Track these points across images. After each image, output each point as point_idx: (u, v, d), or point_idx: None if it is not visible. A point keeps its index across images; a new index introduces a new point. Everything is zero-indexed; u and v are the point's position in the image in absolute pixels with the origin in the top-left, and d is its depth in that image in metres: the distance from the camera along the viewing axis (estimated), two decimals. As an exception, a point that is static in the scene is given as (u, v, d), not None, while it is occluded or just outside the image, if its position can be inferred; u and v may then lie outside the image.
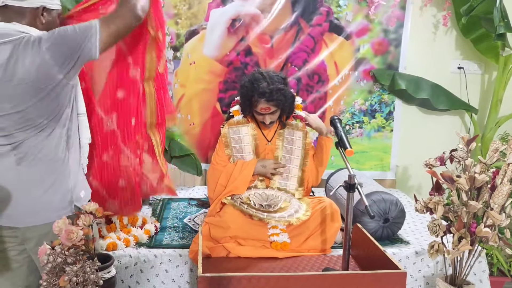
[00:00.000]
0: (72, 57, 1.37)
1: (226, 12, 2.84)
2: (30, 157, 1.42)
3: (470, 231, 1.76)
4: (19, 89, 1.34)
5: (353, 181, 1.66)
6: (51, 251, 1.34)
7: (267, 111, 2.06)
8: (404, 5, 2.91)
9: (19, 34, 1.36)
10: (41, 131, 1.41)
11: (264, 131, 2.20)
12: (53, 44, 1.35)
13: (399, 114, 3.06)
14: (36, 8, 1.41)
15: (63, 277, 1.31)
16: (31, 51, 1.33)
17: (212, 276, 1.46)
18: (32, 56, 1.33)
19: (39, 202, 1.45)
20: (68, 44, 1.36)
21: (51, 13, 1.47)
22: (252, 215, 1.98)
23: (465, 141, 1.87)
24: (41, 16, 1.44)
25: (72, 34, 1.37)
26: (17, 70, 1.33)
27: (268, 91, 2.00)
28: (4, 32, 1.36)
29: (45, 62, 1.34)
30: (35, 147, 1.42)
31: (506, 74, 2.87)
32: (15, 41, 1.34)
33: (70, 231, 1.36)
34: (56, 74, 1.36)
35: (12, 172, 1.42)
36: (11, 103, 1.35)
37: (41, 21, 1.44)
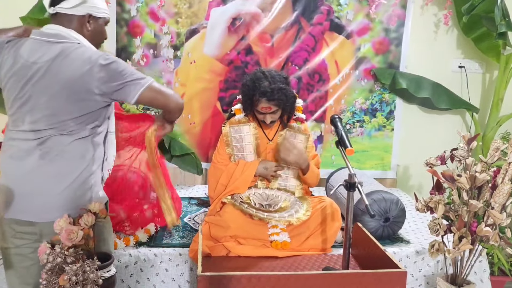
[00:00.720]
0: (116, 85, 1.47)
1: (226, 11, 2.83)
2: (54, 152, 1.46)
3: (471, 230, 1.75)
4: (57, 87, 1.42)
5: (354, 180, 1.66)
6: (51, 251, 1.34)
7: (268, 110, 2.05)
8: (405, 4, 2.90)
9: (72, 39, 1.47)
10: (69, 133, 1.46)
11: (265, 130, 2.19)
12: (113, 64, 1.45)
13: (400, 113, 3.06)
14: (82, 16, 1.51)
15: (63, 276, 1.31)
16: (87, 60, 1.42)
17: (212, 275, 1.45)
18: (82, 64, 1.42)
19: (59, 198, 1.46)
20: (122, 74, 1.47)
21: (98, 21, 1.56)
22: (253, 215, 1.98)
23: (465, 140, 1.86)
24: (87, 23, 1.53)
25: (129, 70, 1.49)
26: (62, 69, 1.41)
27: (270, 90, 2.00)
28: (57, 32, 1.46)
29: (92, 76, 1.42)
30: (61, 145, 1.46)
31: (507, 73, 2.86)
32: (66, 44, 1.44)
33: (71, 231, 1.36)
34: (94, 89, 1.44)
35: (35, 167, 1.45)
36: (46, 97, 1.43)
37: (87, 28, 1.53)
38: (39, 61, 1.43)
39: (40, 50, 1.44)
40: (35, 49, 1.45)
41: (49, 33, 1.47)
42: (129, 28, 2.84)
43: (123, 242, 1.99)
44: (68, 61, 1.42)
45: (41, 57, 1.43)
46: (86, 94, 1.44)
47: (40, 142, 1.45)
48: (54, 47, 1.44)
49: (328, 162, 3.04)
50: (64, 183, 1.46)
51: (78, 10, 1.49)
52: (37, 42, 1.46)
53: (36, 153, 1.45)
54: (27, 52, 1.45)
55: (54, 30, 1.47)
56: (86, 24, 1.53)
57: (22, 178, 1.46)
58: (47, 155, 1.45)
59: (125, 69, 1.48)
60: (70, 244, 1.35)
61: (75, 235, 1.34)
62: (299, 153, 2.05)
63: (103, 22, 1.59)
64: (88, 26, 1.53)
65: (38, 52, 1.44)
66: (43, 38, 1.46)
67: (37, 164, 1.45)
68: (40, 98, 1.44)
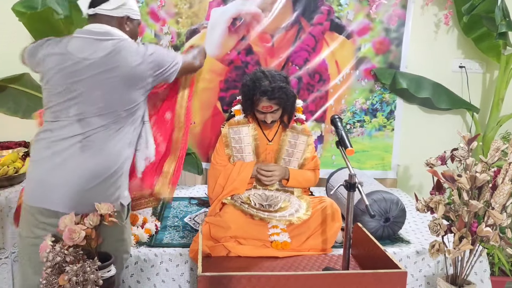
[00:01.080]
0: (161, 71, 1.63)
1: (227, 11, 2.83)
2: (96, 148, 1.52)
3: (471, 230, 1.75)
4: (114, 81, 1.53)
5: (354, 180, 1.66)
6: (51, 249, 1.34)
7: (269, 109, 2.05)
8: (405, 4, 2.90)
9: (120, 36, 1.59)
10: (115, 123, 1.55)
11: (265, 130, 2.19)
12: (157, 52, 1.62)
13: (400, 113, 3.05)
14: (121, 17, 1.63)
15: (63, 276, 1.31)
16: (136, 52, 1.56)
17: (212, 275, 1.46)
18: (136, 56, 1.55)
19: (90, 193, 1.50)
20: (164, 60, 1.64)
21: (133, 22, 1.69)
22: (253, 215, 1.98)
23: (466, 140, 1.86)
24: (125, 24, 1.65)
25: (167, 55, 1.67)
26: (118, 64, 1.52)
27: (270, 89, 2.00)
28: (106, 31, 1.57)
29: (146, 64, 1.57)
30: (103, 138, 1.53)
31: (508, 73, 2.86)
32: (116, 40, 1.56)
33: (73, 230, 1.36)
34: (147, 77, 1.59)
35: (74, 159, 1.50)
36: (102, 90, 1.53)
37: (125, 29, 1.64)
38: (90, 57, 1.51)
39: (90, 48, 1.53)
40: (85, 46, 1.54)
41: (98, 32, 1.57)
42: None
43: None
44: (122, 55, 1.53)
45: (92, 54, 1.52)
46: (141, 83, 1.58)
47: (85, 136, 1.51)
48: (105, 44, 1.53)
49: (329, 162, 3.04)
50: (98, 179, 1.51)
51: (118, 12, 1.61)
52: (86, 39, 1.55)
53: (77, 145, 1.51)
54: (76, 49, 1.53)
55: (103, 29, 1.58)
56: (124, 25, 1.64)
57: (58, 169, 1.50)
58: (88, 149, 1.51)
59: (165, 55, 1.65)
60: (71, 243, 1.35)
61: (76, 235, 1.34)
62: (278, 174, 2.11)
63: (137, 23, 1.72)
64: (126, 27, 1.65)
65: (88, 49, 1.53)
66: (92, 36, 1.55)
67: (77, 156, 1.50)
68: (94, 91, 1.52)
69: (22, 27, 2.67)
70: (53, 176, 1.50)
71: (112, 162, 1.54)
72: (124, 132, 1.58)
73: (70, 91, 1.53)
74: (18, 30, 2.73)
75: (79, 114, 1.52)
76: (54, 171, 1.50)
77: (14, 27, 2.74)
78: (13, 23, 2.69)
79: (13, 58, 2.78)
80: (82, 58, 1.52)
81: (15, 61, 2.76)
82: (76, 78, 1.52)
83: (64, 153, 1.50)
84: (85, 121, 1.52)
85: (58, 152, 1.50)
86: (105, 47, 1.53)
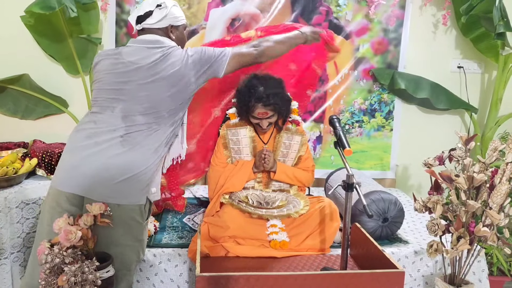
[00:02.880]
0: (204, 69, 1.76)
1: (225, 11, 2.84)
2: (135, 143, 1.61)
3: (469, 230, 1.76)
4: (160, 84, 1.66)
5: (352, 180, 1.66)
6: (50, 251, 1.35)
7: (264, 116, 2.06)
8: (403, 4, 2.91)
9: (169, 44, 1.73)
10: (156, 123, 1.66)
11: (260, 134, 2.20)
12: (197, 53, 1.75)
13: (398, 114, 3.06)
14: (165, 27, 1.76)
15: (62, 277, 1.31)
16: (179, 55, 1.70)
17: (210, 276, 1.46)
18: (179, 61, 1.69)
19: (121, 184, 1.56)
20: (206, 58, 1.76)
21: (178, 28, 1.81)
22: (251, 213, 1.99)
23: (463, 140, 1.87)
24: (171, 33, 1.78)
25: (211, 52, 1.79)
26: (164, 69, 1.66)
27: (265, 96, 2.01)
28: (156, 39, 1.73)
29: (187, 67, 1.70)
30: (144, 136, 1.63)
31: (506, 73, 2.87)
32: (165, 48, 1.70)
33: (69, 231, 1.36)
34: (190, 77, 1.72)
35: (113, 151, 1.58)
36: (148, 92, 1.65)
37: (172, 37, 1.78)
38: (139, 62, 1.67)
39: (140, 53, 1.69)
40: (136, 52, 1.70)
41: (149, 40, 1.72)
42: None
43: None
44: (168, 61, 1.68)
45: (141, 59, 1.67)
46: (185, 85, 1.70)
47: (127, 132, 1.61)
48: (154, 51, 1.68)
49: (327, 163, 3.04)
50: (131, 173, 1.58)
51: (161, 24, 1.74)
52: (138, 47, 1.71)
53: (118, 139, 1.59)
54: (128, 55, 1.69)
55: (153, 38, 1.73)
56: (170, 34, 1.78)
57: (94, 157, 1.57)
58: (128, 144, 1.60)
59: (207, 52, 1.77)
60: (68, 244, 1.35)
61: (73, 236, 1.35)
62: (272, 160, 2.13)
63: (182, 28, 1.83)
64: (172, 34, 1.78)
65: (138, 54, 1.68)
66: (143, 45, 1.71)
67: (115, 149, 1.58)
68: (140, 92, 1.65)
69: (20, 29, 2.68)
70: (88, 163, 1.57)
71: (148, 159, 1.62)
72: (163, 131, 1.69)
73: (118, 90, 1.67)
74: (17, 32, 2.74)
75: (124, 110, 1.64)
76: (90, 158, 1.57)
77: (12, 29, 2.75)
78: (12, 25, 2.71)
79: (12, 59, 2.80)
80: (131, 62, 1.67)
81: (14, 62, 2.79)
82: (125, 78, 1.66)
83: (104, 144, 1.58)
84: (129, 118, 1.63)
85: (99, 143, 1.59)
86: (154, 54, 1.68)
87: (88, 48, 2.80)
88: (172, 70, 1.67)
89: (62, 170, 1.63)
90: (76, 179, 1.57)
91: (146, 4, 1.75)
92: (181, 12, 1.82)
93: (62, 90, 2.88)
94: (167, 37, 1.76)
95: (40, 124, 2.89)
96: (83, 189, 1.56)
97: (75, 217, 1.48)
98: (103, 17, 2.82)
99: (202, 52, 1.77)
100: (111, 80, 1.69)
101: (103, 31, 2.85)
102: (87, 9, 2.68)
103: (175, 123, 1.75)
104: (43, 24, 2.63)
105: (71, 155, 1.62)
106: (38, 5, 2.42)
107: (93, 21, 2.74)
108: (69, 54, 2.76)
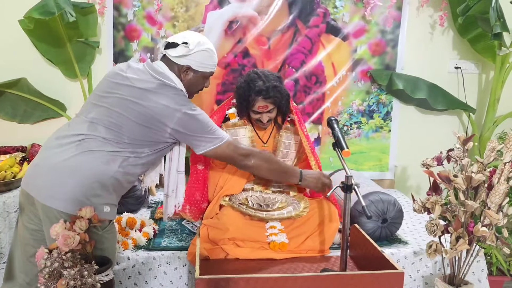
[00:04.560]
0: (184, 133, 1.67)
1: (223, 14, 2.84)
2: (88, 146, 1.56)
3: (468, 230, 1.76)
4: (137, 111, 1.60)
5: (350, 181, 1.66)
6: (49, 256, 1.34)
7: (265, 109, 2.06)
8: (400, 5, 2.92)
9: (171, 81, 1.67)
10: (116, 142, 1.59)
11: (259, 133, 2.20)
12: (192, 116, 1.66)
13: (397, 115, 3.07)
14: (182, 66, 1.71)
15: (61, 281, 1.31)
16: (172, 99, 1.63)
17: (209, 278, 1.46)
18: (169, 103, 1.62)
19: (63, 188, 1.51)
20: (197, 128, 1.68)
21: (197, 73, 1.73)
22: (252, 215, 1.99)
23: (461, 140, 1.87)
24: (184, 73, 1.72)
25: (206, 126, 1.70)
26: (150, 100, 1.61)
27: (265, 88, 2.02)
28: (163, 71, 1.68)
29: (173, 116, 1.62)
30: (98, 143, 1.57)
31: (503, 73, 2.88)
32: (164, 82, 1.65)
33: (67, 236, 1.36)
34: (168, 126, 1.63)
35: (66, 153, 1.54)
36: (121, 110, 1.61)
37: (182, 78, 1.72)
38: (134, 82, 1.63)
39: (141, 76, 1.66)
40: (139, 72, 1.67)
41: (155, 68, 1.68)
42: (126, 32, 2.85)
43: (121, 246, 1.99)
44: (158, 95, 1.62)
45: (137, 81, 1.64)
46: (158, 126, 1.62)
47: (86, 137, 1.57)
48: (153, 80, 1.64)
49: (326, 164, 3.04)
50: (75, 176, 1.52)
51: (180, 60, 1.69)
52: (144, 70, 1.68)
53: (76, 143, 1.56)
54: (132, 71, 1.67)
55: (161, 68, 1.69)
56: (182, 74, 1.72)
57: (51, 158, 1.55)
58: (81, 148, 1.56)
59: (205, 125, 1.69)
60: (67, 249, 1.35)
61: (71, 240, 1.34)
62: None
63: (201, 76, 1.75)
64: (184, 76, 1.72)
65: (138, 75, 1.66)
66: (149, 69, 1.68)
67: (70, 152, 1.54)
68: (116, 107, 1.61)
69: (18, 33, 2.68)
70: (46, 162, 1.55)
71: (96, 167, 1.55)
72: (119, 153, 1.60)
73: (101, 97, 1.65)
74: (15, 36, 2.75)
75: (93, 118, 1.61)
76: (48, 158, 1.56)
77: (10, 33, 2.75)
78: (10, 30, 2.71)
79: (10, 63, 2.80)
80: (128, 78, 1.64)
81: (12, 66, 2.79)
82: (112, 89, 1.65)
83: (65, 147, 1.56)
84: (93, 126, 1.60)
85: (62, 145, 1.57)
86: (151, 83, 1.64)
87: (86, 52, 2.80)
88: (154, 107, 1.60)
89: (29, 168, 1.64)
90: (30, 177, 1.58)
91: (179, 36, 1.72)
92: (211, 61, 1.74)
93: (60, 94, 2.88)
94: (178, 75, 1.71)
95: (38, 128, 2.88)
96: (32, 187, 1.55)
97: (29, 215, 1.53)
98: (101, 21, 2.83)
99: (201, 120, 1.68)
100: (103, 86, 1.69)
101: (101, 35, 2.86)
102: (85, 13, 2.69)
103: (137, 156, 1.64)
104: (42, 29, 2.63)
105: (39, 153, 1.63)
106: (38, 10, 2.42)
107: (91, 25, 2.74)
108: (67, 58, 2.76)
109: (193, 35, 1.72)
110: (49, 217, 1.51)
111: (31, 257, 1.58)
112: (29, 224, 1.60)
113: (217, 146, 1.72)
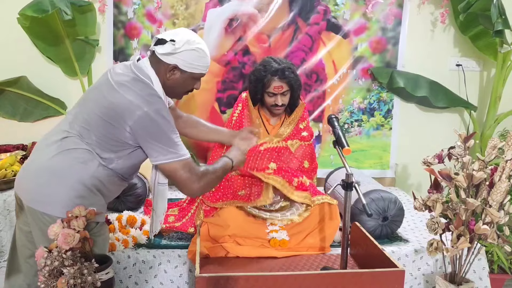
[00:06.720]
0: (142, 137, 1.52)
1: (223, 12, 2.84)
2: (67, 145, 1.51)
3: (469, 228, 1.75)
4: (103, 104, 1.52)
5: (351, 179, 1.66)
6: (48, 255, 1.34)
7: (280, 90, 2.11)
8: (401, 3, 2.90)
9: (146, 77, 1.56)
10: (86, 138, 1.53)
11: (267, 127, 2.22)
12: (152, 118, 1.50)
13: (397, 112, 3.06)
14: (168, 64, 1.58)
15: (61, 279, 1.31)
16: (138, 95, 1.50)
17: (210, 276, 1.46)
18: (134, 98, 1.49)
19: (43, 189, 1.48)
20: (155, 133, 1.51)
21: (183, 73, 1.60)
22: (255, 215, 1.99)
23: (462, 138, 1.86)
24: (170, 72, 1.58)
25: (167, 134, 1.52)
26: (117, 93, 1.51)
27: (281, 68, 2.10)
28: (141, 67, 1.58)
29: (133, 113, 1.48)
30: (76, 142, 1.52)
31: (505, 70, 2.87)
32: (136, 77, 1.55)
33: (67, 234, 1.36)
34: (127, 123, 1.50)
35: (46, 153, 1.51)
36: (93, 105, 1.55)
37: (167, 77, 1.59)
38: (112, 75, 1.56)
39: (121, 70, 1.58)
40: (123, 67, 1.60)
41: (137, 65, 1.59)
42: (126, 30, 2.84)
43: (122, 244, 1.99)
44: (126, 89, 1.51)
45: (116, 74, 1.56)
46: (119, 122, 1.50)
47: (67, 135, 1.52)
48: (129, 74, 1.55)
49: (327, 162, 3.04)
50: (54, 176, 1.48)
51: (167, 58, 1.56)
52: (128, 65, 1.60)
53: (58, 142, 1.52)
54: (119, 66, 1.61)
55: (143, 64, 1.59)
56: (167, 73, 1.58)
57: (35, 159, 1.53)
58: (61, 147, 1.52)
59: (164, 134, 1.51)
60: (67, 247, 1.35)
61: (72, 238, 1.34)
62: None
63: (189, 77, 1.61)
64: (169, 75, 1.59)
65: (119, 69, 1.59)
66: (132, 66, 1.59)
67: (52, 151, 1.51)
68: (90, 102, 1.56)
69: (18, 32, 2.68)
70: (31, 165, 1.54)
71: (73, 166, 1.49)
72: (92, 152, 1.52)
73: (87, 93, 1.64)
74: (15, 34, 2.74)
75: (75, 114, 1.57)
76: (34, 161, 1.54)
77: (10, 32, 2.75)
78: (9, 28, 2.70)
79: (9, 62, 2.80)
80: (111, 73, 1.57)
81: (11, 65, 2.79)
82: (96, 85, 1.61)
83: (51, 146, 1.52)
84: (73, 123, 1.55)
85: (48, 145, 1.54)
86: (125, 77, 1.55)
87: (85, 50, 2.80)
88: (120, 100, 1.49)
89: None
90: (19, 179, 1.56)
91: (170, 32, 1.59)
92: (201, 62, 1.59)
93: (60, 92, 2.88)
94: (163, 74, 1.58)
95: (39, 126, 2.88)
96: (21, 190, 1.54)
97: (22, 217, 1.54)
98: (101, 19, 2.82)
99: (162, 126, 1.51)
100: (91, 87, 1.67)
101: (101, 33, 2.85)
102: (83, 11, 2.68)
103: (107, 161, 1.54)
104: (40, 27, 2.63)
105: (30, 157, 1.60)
106: (32, 8, 2.42)
107: (90, 23, 2.74)
108: (67, 56, 2.76)
109: (185, 33, 1.58)
110: (34, 220, 1.49)
111: (28, 258, 1.58)
112: (24, 226, 1.58)
113: (170, 161, 1.53)
